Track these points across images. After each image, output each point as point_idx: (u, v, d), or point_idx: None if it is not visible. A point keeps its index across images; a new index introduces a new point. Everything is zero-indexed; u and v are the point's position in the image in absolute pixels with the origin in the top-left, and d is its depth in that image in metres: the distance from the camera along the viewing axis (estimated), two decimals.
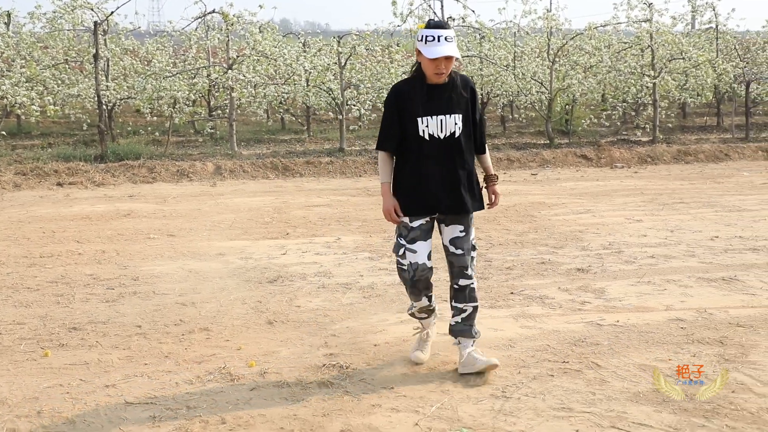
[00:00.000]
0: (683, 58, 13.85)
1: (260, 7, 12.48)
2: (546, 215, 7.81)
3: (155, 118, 13.48)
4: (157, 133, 13.57)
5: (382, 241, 6.66)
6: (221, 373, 3.69)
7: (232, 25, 11.92)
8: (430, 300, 3.72)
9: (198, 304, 4.86)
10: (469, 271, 3.58)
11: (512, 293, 5.02)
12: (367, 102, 13.06)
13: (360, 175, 11.21)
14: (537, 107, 14.08)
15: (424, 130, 3.46)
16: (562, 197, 8.94)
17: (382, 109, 3.72)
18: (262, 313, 4.66)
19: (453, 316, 3.67)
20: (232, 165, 11.18)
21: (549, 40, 13.85)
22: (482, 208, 3.65)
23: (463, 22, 13.08)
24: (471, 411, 3.24)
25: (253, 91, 13.28)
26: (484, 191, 3.75)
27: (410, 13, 12.51)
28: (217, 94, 14.17)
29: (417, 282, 3.56)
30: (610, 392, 3.40)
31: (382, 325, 4.41)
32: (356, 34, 12.92)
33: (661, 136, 13.72)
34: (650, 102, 13.76)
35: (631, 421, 3.11)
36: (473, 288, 3.63)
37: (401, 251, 3.56)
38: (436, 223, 3.63)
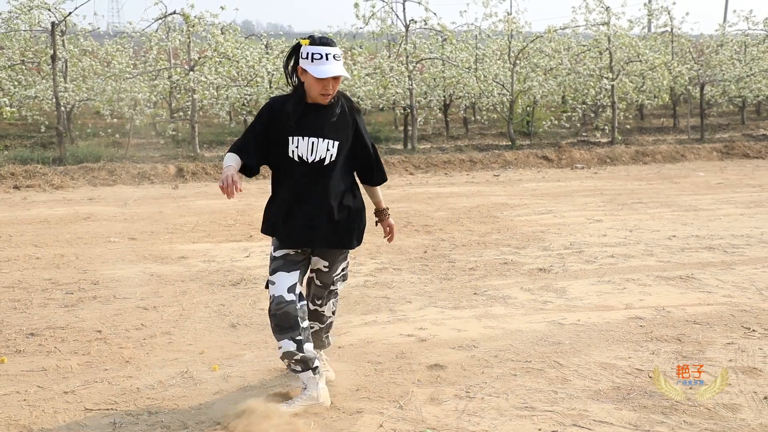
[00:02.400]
0: (640, 61, 14.13)
1: (222, 8, 12.38)
2: (508, 216, 7.90)
3: (115, 120, 13.26)
4: (117, 135, 13.35)
5: None
6: (184, 378, 3.65)
7: (193, 26, 11.79)
8: (299, 346, 3.15)
9: (160, 308, 4.79)
10: (318, 303, 3.38)
11: (475, 294, 5.06)
12: None
13: None
14: (499, 109, 14.23)
15: (293, 151, 3.13)
16: (524, 198, 9.05)
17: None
18: (225, 317, 4.62)
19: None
20: (194, 167, 11.05)
21: (510, 42, 14.01)
22: (349, 246, 3.29)
23: (426, 24, 13.15)
24: (435, 412, 3.26)
25: (216, 93, 13.15)
26: (377, 226, 3.53)
27: (372, 15, 12.54)
28: (178, 95, 14.01)
29: (274, 317, 3.19)
30: (572, 391, 3.45)
31: (346, 326, 4.41)
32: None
33: (620, 138, 13.98)
34: (609, 104, 14.01)
35: (593, 419, 3.16)
36: (323, 315, 3.42)
37: (266, 283, 3.31)
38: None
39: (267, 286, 3.29)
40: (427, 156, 12.20)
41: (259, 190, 9.99)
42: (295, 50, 3.16)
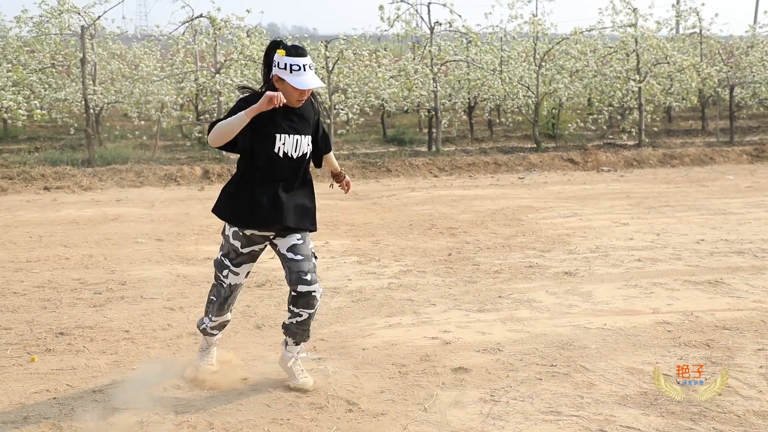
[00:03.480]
0: (668, 63, 13.96)
1: (248, 11, 12.45)
2: (533, 219, 7.85)
3: (143, 122, 13.40)
4: (144, 138, 13.50)
5: (371, 245, 6.67)
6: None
7: (219, 29, 11.89)
8: (229, 319, 3.75)
9: (186, 309, 4.84)
10: (308, 279, 3.39)
11: (500, 297, 5.04)
12: (355, 106, 13.06)
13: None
14: (524, 111, 14.14)
15: (280, 148, 3.35)
16: (549, 201, 8.99)
17: (373, 110, 3.76)
18: (251, 318, 4.65)
19: (289, 318, 3.50)
20: (220, 169, 11.14)
21: (535, 44, 13.92)
22: (314, 227, 3.55)
23: (450, 26, 13.12)
24: (459, 415, 3.25)
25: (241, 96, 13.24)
26: (333, 188, 3.91)
27: (397, 17, 12.54)
28: (204, 98, 14.12)
29: (227, 300, 3.61)
30: (598, 395, 3.42)
31: (370, 329, 4.42)
32: (344, 39, 12.93)
33: (647, 140, 13.82)
34: (636, 106, 13.86)
35: (619, 425, 3.13)
36: (314, 297, 3.41)
37: (225, 272, 3.54)
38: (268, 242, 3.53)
39: (218, 268, 3.57)
40: (452, 158, 12.17)
41: None
42: (269, 53, 3.37)
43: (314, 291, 3.40)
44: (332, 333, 4.35)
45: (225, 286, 3.58)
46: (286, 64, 3.26)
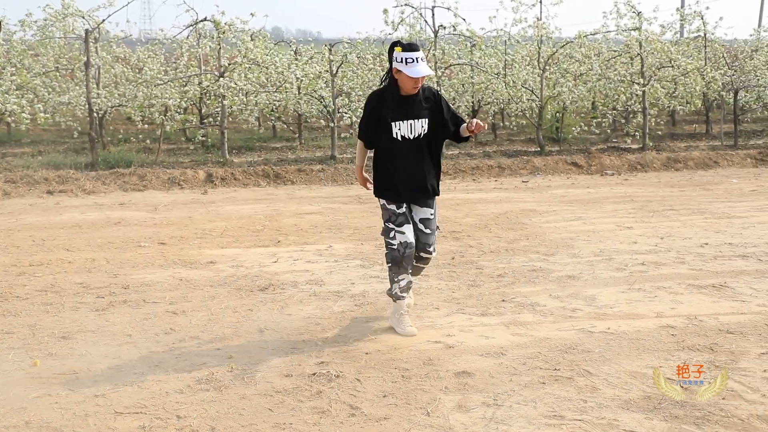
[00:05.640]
0: (672, 66, 13.93)
1: (252, 15, 12.49)
2: (537, 222, 7.83)
3: (146, 125, 13.43)
4: (148, 141, 13.53)
5: (374, 249, 6.66)
6: (212, 383, 3.67)
7: (223, 32, 11.91)
8: (412, 277, 4.38)
9: (189, 313, 4.84)
10: (429, 249, 4.31)
11: (503, 300, 5.02)
12: (359, 110, 13.07)
13: (352, 183, 11.20)
14: (528, 115, 14.13)
15: (397, 132, 4.13)
16: (552, 204, 8.97)
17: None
18: (254, 322, 4.65)
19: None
20: (223, 173, 11.15)
21: (539, 48, 13.92)
22: (436, 195, 4.36)
23: (454, 30, 13.12)
24: (462, 419, 3.24)
25: (245, 99, 13.25)
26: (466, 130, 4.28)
27: (401, 21, 12.55)
28: (208, 101, 14.15)
29: (404, 258, 4.19)
30: (602, 400, 3.41)
31: (373, 333, 4.41)
32: (348, 42, 12.94)
33: (651, 144, 13.79)
34: (640, 110, 13.83)
35: (623, 429, 3.11)
36: (429, 260, 4.42)
37: (392, 234, 4.19)
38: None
39: (385, 234, 4.23)
40: (455, 162, 12.17)
41: (287, 196, 10.05)
42: (390, 53, 4.08)
43: (432, 257, 4.37)
44: (335, 337, 4.35)
45: (395, 246, 4.18)
46: (402, 58, 4.00)
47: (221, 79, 11.82)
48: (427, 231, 4.27)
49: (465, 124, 4.22)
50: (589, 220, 7.91)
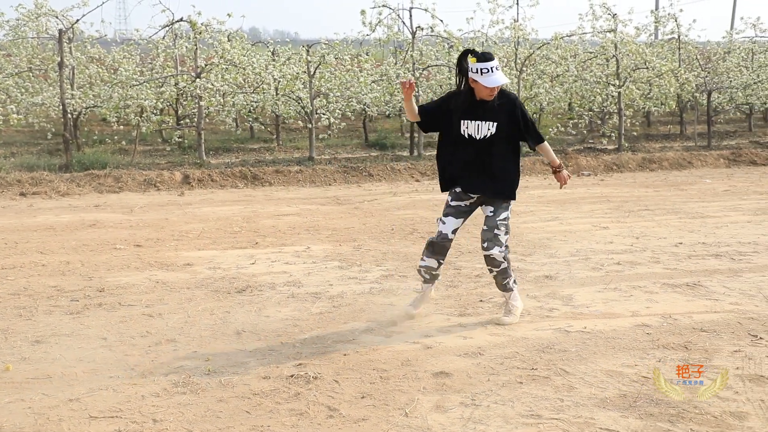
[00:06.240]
0: (647, 68, 14.10)
1: (229, 15, 12.45)
2: (514, 223, 7.87)
3: (122, 126, 13.31)
4: (123, 142, 13.40)
5: (352, 250, 6.65)
6: (188, 386, 3.64)
7: (200, 33, 11.83)
8: (438, 266, 4.54)
9: (165, 315, 4.79)
10: (486, 246, 4.39)
11: (481, 301, 5.04)
12: (337, 111, 13.06)
13: (330, 184, 11.19)
14: None
15: (464, 131, 4.36)
16: (530, 205, 9.03)
17: (355, 115, 4.30)
18: (231, 324, 4.62)
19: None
20: (200, 174, 11.08)
21: (516, 49, 14.01)
22: (503, 196, 4.41)
23: (432, 31, 13.16)
24: (440, 419, 3.25)
25: (222, 100, 13.18)
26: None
27: (379, 22, 12.56)
28: (185, 102, 14.04)
29: (434, 245, 4.44)
30: (578, 398, 3.43)
31: (351, 334, 4.40)
32: (325, 43, 12.92)
33: (627, 144, 13.94)
34: (615, 111, 13.98)
35: (599, 427, 3.14)
36: (493, 258, 4.39)
37: (438, 220, 4.52)
38: (479, 206, 4.54)
39: (437, 221, 4.52)
40: (434, 163, 12.18)
41: (265, 198, 10.00)
42: (462, 60, 4.34)
43: (491, 254, 4.37)
44: (313, 338, 4.34)
45: (436, 232, 4.46)
46: (478, 69, 4.20)
47: (198, 79, 11.73)
48: (484, 227, 4.45)
49: (558, 165, 4.58)
50: (566, 221, 7.97)
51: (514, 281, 4.60)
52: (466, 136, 4.36)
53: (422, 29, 13.02)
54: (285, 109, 13.87)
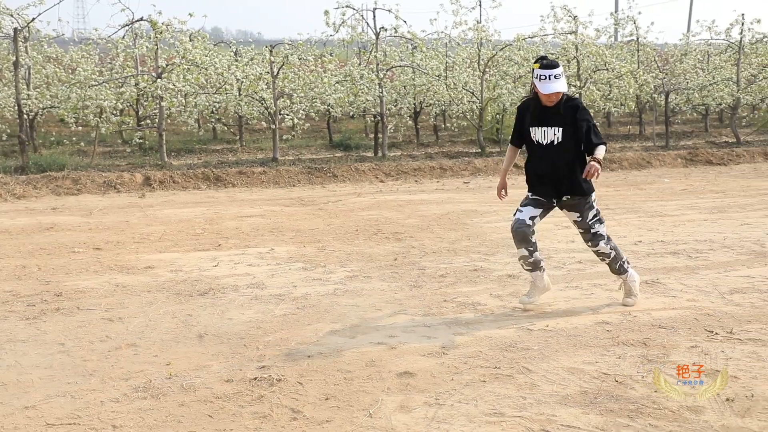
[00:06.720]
0: (607, 69, 14.34)
1: (190, 15, 12.28)
2: (478, 223, 7.93)
3: (80, 128, 13.06)
4: (82, 144, 13.15)
5: (316, 251, 6.63)
6: (149, 390, 3.59)
7: (161, 33, 11.67)
8: (530, 254, 4.70)
9: (125, 319, 4.71)
10: (590, 245, 4.71)
11: (445, 300, 5.07)
12: (301, 111, 13.00)
13: (294, 185, 11.14)
14: (469, 116, 14.32)
15: (533, 137, 4.62)
16: (493, 205, 9.10)
17: (319, 115, 4.19)
18: (193, 327, 4.56)
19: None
20: (161, 176, 10.92)
21: (479, 50, 14.12)
22: (576, 193, 4.60)
23: (396, 32, 13.19)
24: (404, 419, 3.25)
25: (184, 101, 13.02)
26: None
27: (343, 23, 12.54)
28: (146, 103, 13.84)
29: (515, 233, 4.66)
30: (540, 396, 3.47)
31: (315, 335, 4.38)
32: (289, 44, 12.85)
33: None
34: None
35: (560, 424, 3.18)
36: (601, 252, 4.72)
37: (516, 209, 4.74)
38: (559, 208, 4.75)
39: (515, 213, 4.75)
40: (398, 163, 12.22)
41: (228, 199, 9.91)
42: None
43: (599, 250, 4.70)
44: (277, 340, 4.30)
45: (513, 220, 4.70)
46: (538, 75, 4.44)
47: (159, 80, 11.57)
48: (581, 230, 4.72)
49: (592, 158, 4.53)
50: None
51: (626, 261, 4.83)
52: (535, 142, 4.62)
53: (386, 30, 13.04)
54: (248, 110, 13.77)
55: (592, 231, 4.66)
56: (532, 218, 4.65)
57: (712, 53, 16.91)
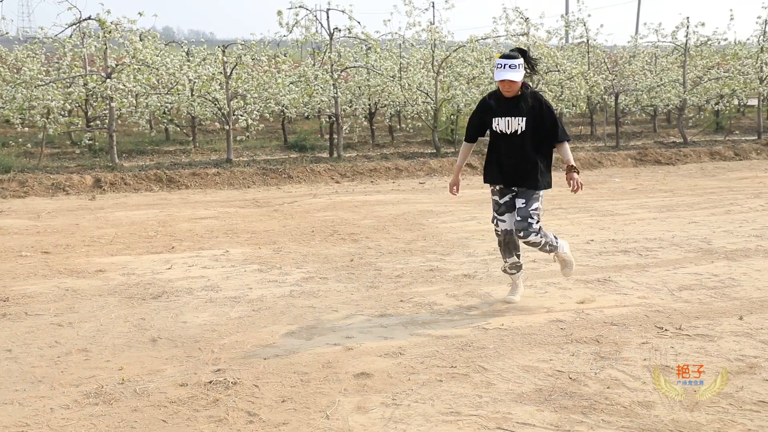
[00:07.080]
0: (558, 71, 14.57)
1: (140, 14, 12.04)
2: (434, 223, 7.98)
3: (27, 129, 12.70)
4: (29, 145, 12.79)
5: (272, 253, 6.58)
6: (101, 396, 3.51)
7: (109, 32, 11.42)
8: (518, 258, 4.92)
9: (76, 324, 4.60)
10: (522, 234, 4.70)
11: (402, 301, 5.08)
12: (255, 112, 12.89)
13: (248, 186, 11.03)
14: (423, 117, 14.39)
15: (497, 126, 4.74)
16: (449, 205, 9.17)
17: (273, 116, 4.14)
18: (146, 331, 4.48)
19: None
20: (112, 177, 10.70)
21: (433, 51, 14.20)
22: (533, 187, 4.74)
23: (349, 33, 13.18)
24: (362, 420, 3.25)
25: (135, 101, 12.78)
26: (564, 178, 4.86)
27: (296, 23, 12.47)
28: (95, 103, 13.53)
29: (505, 245, 4.86)
30: (496, 394, 3.51)
31: (271, 338, 4.35)
32: (242, 44, 12.72)
33: None
34: None
35: (516, 421, 3.22)
36: (531, 242, 4.75)
37: (495, 222, 4.88)
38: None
39: (493, 221, 4.93)
40: (353, 164, 12.21)
41: (181, 201, 9.76)
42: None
43: (527, 239, 4.72)
44: (232, 343, 4.26)
45: (499, 233, 4.88)
46: (496, 63, 4.64)
47: (108, 80, 11.33)
48: (517, 217, 4.76)
49: (569, 167, 4.80)
50: (484, 220, 8.13)
51: (553, 238, 4.91)
52: (498, 131, 4.76)
53: (340, 31, 13.02)
54: (201, 111, 13.58)
55: (529, 221, 4.73)
56: (511, 224, 4.81)
57: (660, 55, 17.33)
